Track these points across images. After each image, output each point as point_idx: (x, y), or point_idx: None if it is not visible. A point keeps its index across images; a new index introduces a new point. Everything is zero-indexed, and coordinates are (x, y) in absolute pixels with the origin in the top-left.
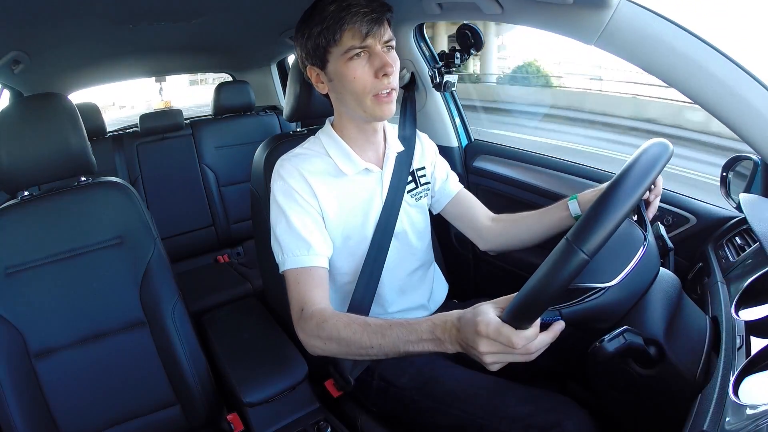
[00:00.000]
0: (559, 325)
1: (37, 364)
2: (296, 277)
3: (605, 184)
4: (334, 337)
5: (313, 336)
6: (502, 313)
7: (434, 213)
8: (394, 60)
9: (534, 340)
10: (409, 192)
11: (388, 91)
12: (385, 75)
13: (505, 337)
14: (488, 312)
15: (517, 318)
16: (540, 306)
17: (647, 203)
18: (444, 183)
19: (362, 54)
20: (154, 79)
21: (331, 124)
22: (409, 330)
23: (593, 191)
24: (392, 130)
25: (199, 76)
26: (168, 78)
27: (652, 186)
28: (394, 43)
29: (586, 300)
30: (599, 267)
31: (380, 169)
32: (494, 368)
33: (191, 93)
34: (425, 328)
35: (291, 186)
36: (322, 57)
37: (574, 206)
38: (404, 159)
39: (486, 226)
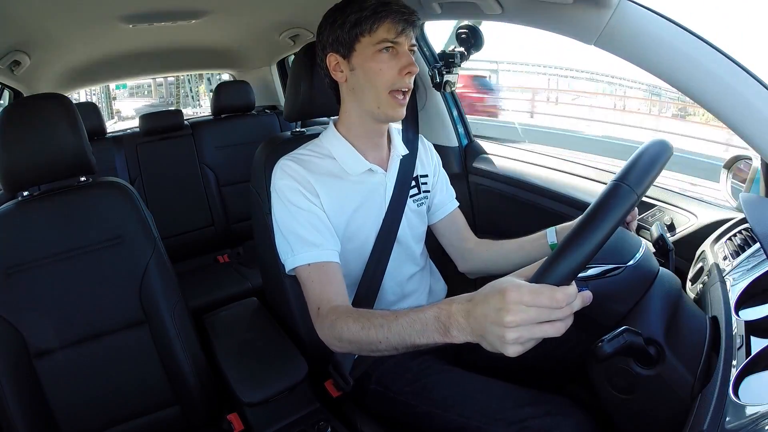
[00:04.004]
0: (587, 294)
1: (37, 363)
2: (309, 273)
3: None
4: (345, 336)
5: (329, 335)
6: (528, 280)
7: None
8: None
9: (574, 299)
10: (411, 197)
11: (405, 90)
12: (409, 73)
13: (546, 296)
14: (514, 279)
15: (560, 271)
16: (591, 251)
17: (627, 225)
18: (443, 196)
19: (390, 50)
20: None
21: (335, 125)
22: (414, 319)
23: (572, 223)
24: (397, 134)
25: (135, 89)
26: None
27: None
28: (416, 49)
29: (608, 276)
30: (615, 251)
31: (384, 171)
32: (516, 351)
33: (131, 102)
34: (430, 315)
35: (295, 184)
36: (350, 45)
37: (551, 235)
38: (408, 163)
39: (469, 248)
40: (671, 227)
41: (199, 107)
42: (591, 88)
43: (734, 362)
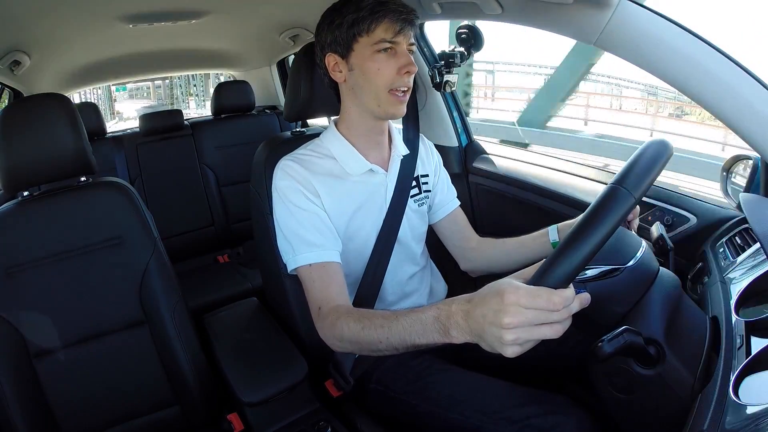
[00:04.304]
0: (585, 297)
1: (37, 364)
2: (310, 274)
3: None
4: (346, 336)
5: (330, 335)
6: (526, 282)
7: (428, 224)
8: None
9: (572, 302)
10: (412, 197)
11: (405, 89)
12: (407, 73)
13: (543, 299)
14: (513, 281)
15: (557, 274)
16: (588, 254)
17: (628, 224)
18: (445, 196)
19: (388, 50)
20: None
21: (335, 125)
22: (414, 320)
23: (573, 221)
24: (398, 134)
25: (135, 91)
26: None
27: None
28: (415, 48)
29: (606, 277)
30: (614, 252)
31: (385, 171)
32: (514, 352)
33: (131, 104)
34: (430, 316)
35: (296, 184)
36: (348, 45)
37: (553, 233)
38: (409, 162)
39: (471, 247)
40: (671, 227)
41: (187, 107)
42: (589, 88)
43: (734, 362)
